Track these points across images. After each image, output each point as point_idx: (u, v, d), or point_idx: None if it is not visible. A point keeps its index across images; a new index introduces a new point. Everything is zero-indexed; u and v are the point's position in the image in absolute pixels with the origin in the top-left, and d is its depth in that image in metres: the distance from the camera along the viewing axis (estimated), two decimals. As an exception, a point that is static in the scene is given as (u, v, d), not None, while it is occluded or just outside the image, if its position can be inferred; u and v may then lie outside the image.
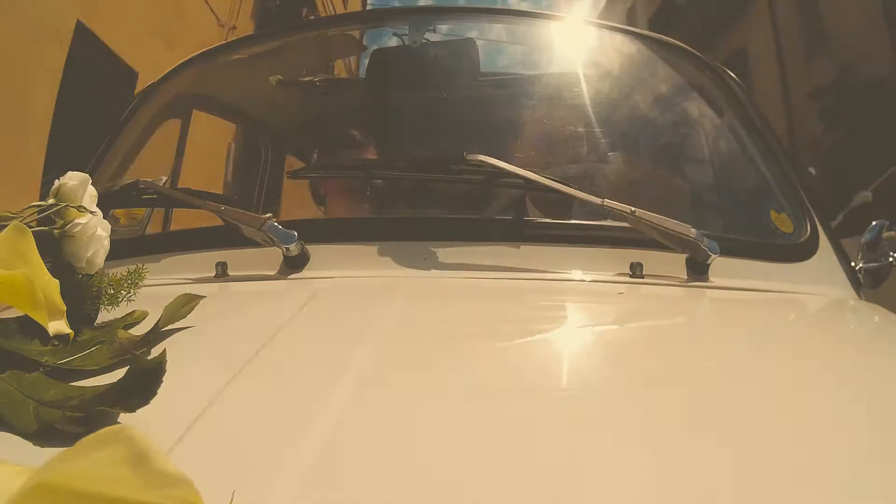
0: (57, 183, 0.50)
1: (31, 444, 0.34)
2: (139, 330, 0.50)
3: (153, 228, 1.11)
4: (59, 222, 0.49)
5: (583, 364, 0.52)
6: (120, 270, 0.56)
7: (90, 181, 0.51)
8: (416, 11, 1.36)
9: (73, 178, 0.49)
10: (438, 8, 1.38)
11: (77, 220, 0.49)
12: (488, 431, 0.37)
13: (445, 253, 0.76)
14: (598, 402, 0.43)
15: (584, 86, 1.09)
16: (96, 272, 0.51)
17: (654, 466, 0.34)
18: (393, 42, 1.31)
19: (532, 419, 0.39)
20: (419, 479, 0.32)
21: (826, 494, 0.33)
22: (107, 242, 0.51)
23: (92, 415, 0.34)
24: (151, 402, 0.35)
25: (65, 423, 0.34)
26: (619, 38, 1.15)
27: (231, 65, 1.23)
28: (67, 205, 0.49)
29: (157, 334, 0.48)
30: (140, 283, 0.56)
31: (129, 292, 0.54)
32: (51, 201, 0.49)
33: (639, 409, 0.41)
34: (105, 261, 0.52)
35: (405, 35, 1.24)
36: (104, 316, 0.53)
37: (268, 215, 0.74)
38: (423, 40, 1.18)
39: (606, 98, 1.08)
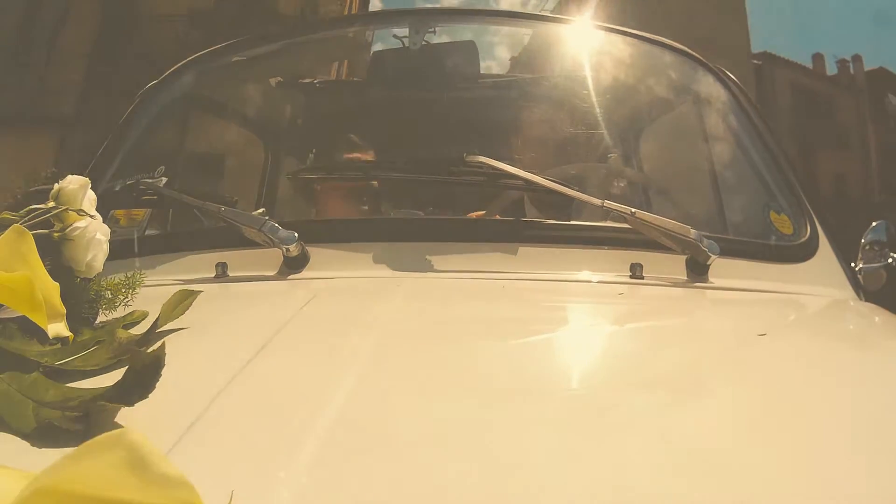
0: (57, 186, 0.49)
1: (31, 446, 0.34)
2: (139, 330, 0.50)
3: (153, 229, 1.11)
4: (59, 226, 0.49)
5: (582, 364, 0.52)
6: (119, 273, 0.56)
7: (90, 185, 0.51)
8: (415, 13, 1.36)
9: (72, 182, 0.49)
10: (438, 10, 1.38)
11: (76, 224, 0.49)
12: (489, 431, 0.37)
13: (445, 254, 0.76)
14: (597, 402, 0.43)
15: (584, 88, 1.09)
16: (95, 276, 0.51)
17: (653, 465, 0.34)
18: (393, 44, 1.31)
19: (531, 418, 0.39)
20: (419, 478, 0.32)
21: (825, 493, 0.33)
22: (106, 246, 0.51)
23: (91, 411, 0.34)
24: (153, 401, 0.35)
25: (64, 422, 0.34)
26: (621, 41, 1.15)
27: (231, 67, 1.23)
28: (67, 208, 0.49)
29: (156, 333, 0.48)
30: (138, 288, 0.56)
31: (127, 297, 0.54)
32: (50, 204, 0.49)
33: (638, 409, 0.41)
34: (105, 261, 0.52)
35: (405, 37, 1.24)
36: (104, 316, 0.53)
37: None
38: (423, 42, 1.18)
39: (607, 100, 1.08)
